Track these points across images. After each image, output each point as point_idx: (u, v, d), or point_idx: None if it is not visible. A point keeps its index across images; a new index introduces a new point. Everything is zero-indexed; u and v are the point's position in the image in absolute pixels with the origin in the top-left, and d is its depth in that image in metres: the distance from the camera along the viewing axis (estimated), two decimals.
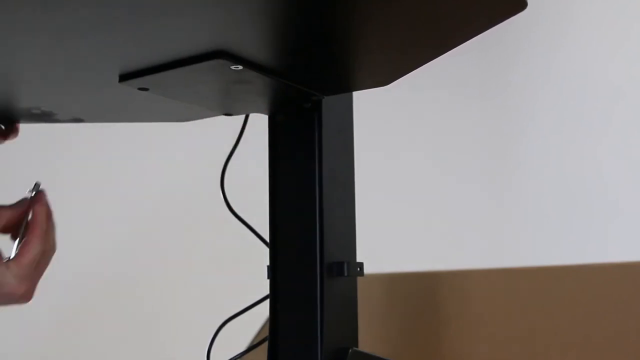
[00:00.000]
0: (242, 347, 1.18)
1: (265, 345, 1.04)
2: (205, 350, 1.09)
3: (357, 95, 1.07)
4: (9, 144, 1.14)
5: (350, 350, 1.03)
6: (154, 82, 0.87)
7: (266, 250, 1.07)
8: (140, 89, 0.89)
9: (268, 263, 1.06)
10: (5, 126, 1.10)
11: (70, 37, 0.76)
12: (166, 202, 1.87)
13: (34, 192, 1.02)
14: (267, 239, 1.07)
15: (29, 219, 1.01)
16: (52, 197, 1.95)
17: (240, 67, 0.83)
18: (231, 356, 1.08)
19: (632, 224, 1.27)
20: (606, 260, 1.27)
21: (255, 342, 1.19)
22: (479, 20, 0.81)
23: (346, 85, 0.98)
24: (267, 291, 1.05)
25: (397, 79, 0.95)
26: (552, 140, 1.37)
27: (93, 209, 1.97)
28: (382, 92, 1.00)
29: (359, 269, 1.06)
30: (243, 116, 1.10)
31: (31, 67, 0.86)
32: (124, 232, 1.93)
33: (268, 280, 1.05)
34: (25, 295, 0.98)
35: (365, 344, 1.07)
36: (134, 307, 1.93)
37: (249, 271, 1.15)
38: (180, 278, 1.81)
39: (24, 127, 1.13)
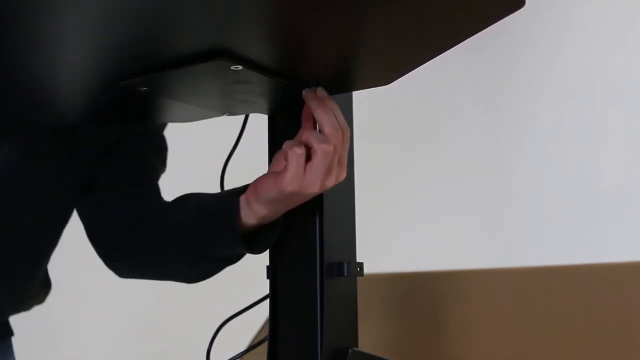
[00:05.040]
0: (242, 347, 1.18)
1: (265, 345, 1.04)
2: (205, 350, 1.09)
3: (356, 95, 1.07)
4: None
5: (350, 351, 1.02)
6: (154, 82, 0.87)
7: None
8: (140, 89, 0.89)
9: (268, 263, 1.06)
10: None
11: (71, 38, 0.76)
12: None
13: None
14: None
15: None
16: None
17: (240, 67, 0.83)
18: (231, 356, 1.08)
19: (632, 223, 1.27)
20: (606, 260, 1.27)
21: (255, 342, 1.19)
22: (478, 19, 0.81)
23: (346, 85, 0.98)
24: (267, 291, 1.05)
25: (396, 78, 0.95)
26: (552, 140, 1.37)
27: None
28: (381, 92, 1.00)
29: (359, 269, 1.06)
30: (243, 116, 1.10)
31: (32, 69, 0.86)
32: None
33: (268, 280, 1.05)
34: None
35: (365, 344, 1.07)
36: (134, 308, 1.93)
37: (249, 271, 1.15)
38: None
39: None
